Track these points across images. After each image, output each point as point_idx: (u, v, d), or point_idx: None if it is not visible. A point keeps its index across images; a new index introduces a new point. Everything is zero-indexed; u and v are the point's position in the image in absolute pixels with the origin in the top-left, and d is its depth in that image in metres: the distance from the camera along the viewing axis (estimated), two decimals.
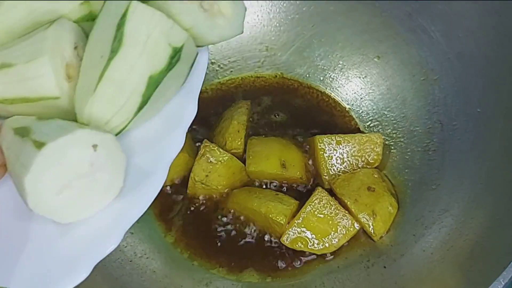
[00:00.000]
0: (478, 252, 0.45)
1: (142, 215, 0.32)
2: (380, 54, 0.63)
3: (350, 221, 0.54)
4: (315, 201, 0.54)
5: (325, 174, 0.58)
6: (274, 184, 0.59)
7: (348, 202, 0.55)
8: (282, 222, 0.53)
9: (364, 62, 0.64)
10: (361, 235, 0.55)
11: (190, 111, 0.34)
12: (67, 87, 0.32)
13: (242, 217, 0.57)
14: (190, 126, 0.35)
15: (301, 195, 0.58)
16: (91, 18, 0.34)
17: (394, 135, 0.61)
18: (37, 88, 0.31)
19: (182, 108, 0.34)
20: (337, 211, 0.54)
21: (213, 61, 0.67)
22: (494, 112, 0.52)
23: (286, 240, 0.54)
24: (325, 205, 0.54)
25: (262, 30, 0.68)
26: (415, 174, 0.57)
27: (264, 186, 0.59)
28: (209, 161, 0.56)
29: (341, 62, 0.65)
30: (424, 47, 0.59)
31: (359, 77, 0.65)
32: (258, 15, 0.67)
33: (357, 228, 0.54)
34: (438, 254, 0.49)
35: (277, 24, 0.67)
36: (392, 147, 0.60)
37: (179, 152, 0.34)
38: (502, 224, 0.45)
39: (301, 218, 0.54)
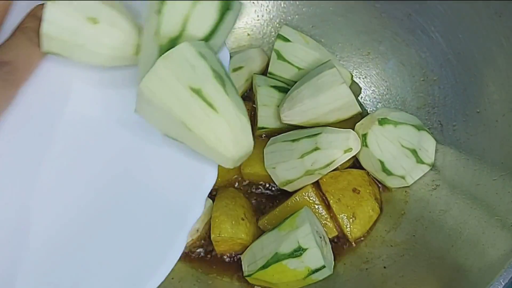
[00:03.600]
0: (478, 252, 0.45)
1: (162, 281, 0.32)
2: (379, 54, 0.63)
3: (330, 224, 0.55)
4: (296, 197, 0.55)
5: None
6: (267, 185, 0.60)
7: (331, 201, 0.55)
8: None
9: (364, 63, 0.64)
10: None
11: (210, 177, 0.35)
12: None
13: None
14: None
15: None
16: None
17: None
18: None
19: (202, 175, 0.35)
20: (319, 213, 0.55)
21: None
22: (493, 112, 0.52)
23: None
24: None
25: (262, 30, 0.68)
26: None
27: (253, 187, 0.60)
28: None
29: (340, 63, 0.65)
30: (424, 47, 0.59)
31: (359, 78, 0.65)
32: (258, 15, 0.67)
33: (337, 233, 0.55)
34: (438, 254, 0.49)
35: (277, 25, 0.67)
36: None
37: None
38: (502, 224, 0.45)
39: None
